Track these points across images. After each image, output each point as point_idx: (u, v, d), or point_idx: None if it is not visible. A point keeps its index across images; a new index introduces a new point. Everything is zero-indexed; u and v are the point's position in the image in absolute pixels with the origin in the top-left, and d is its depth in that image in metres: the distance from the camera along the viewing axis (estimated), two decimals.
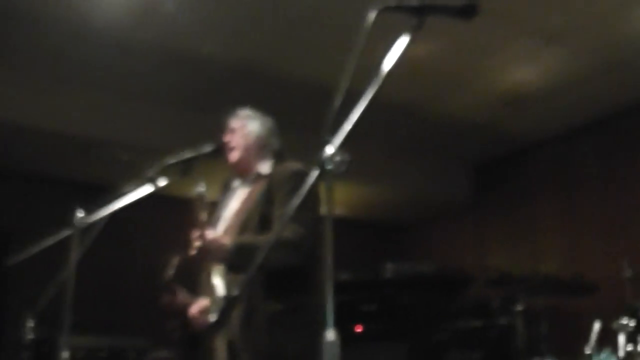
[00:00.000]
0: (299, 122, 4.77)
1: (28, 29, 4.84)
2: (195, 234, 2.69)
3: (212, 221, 3.05)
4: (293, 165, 3.04)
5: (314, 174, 1.63)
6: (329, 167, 1.55)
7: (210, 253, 2.70)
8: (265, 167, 3.14)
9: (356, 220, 8.05)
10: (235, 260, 2.63)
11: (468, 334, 5.86)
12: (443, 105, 6.06)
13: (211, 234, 2.72)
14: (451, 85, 5.69)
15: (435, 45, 4.98)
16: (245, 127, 3.23)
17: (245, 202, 3.07)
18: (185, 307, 3.95)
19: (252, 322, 2.81)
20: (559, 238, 6.59)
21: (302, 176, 2.87)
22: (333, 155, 1.55)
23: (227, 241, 2.72)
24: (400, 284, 6.72)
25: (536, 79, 5.53)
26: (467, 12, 1.69)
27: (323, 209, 1.63)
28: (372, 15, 1.67)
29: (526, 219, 6.97)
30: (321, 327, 1.50)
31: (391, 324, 6.08)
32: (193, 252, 2.68)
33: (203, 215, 2.68)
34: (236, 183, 3.26)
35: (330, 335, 1.45)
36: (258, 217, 2.91)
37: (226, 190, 3.26)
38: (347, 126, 1.59)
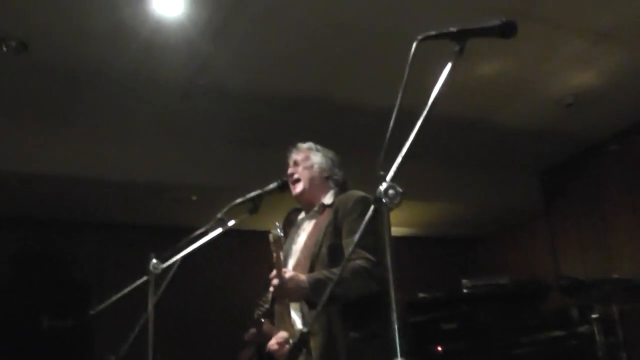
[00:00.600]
0: (359, 148, 4.82)
1: (95, 87, 5.04)
2: (273, 274, 2.66)
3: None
4: (356, 193, 3.04)
5: (371, 208, 1.65)
6: (384, 201, 1.56)
7: (288, 292, 2.66)
8: (328, 197, 3.17)
9: (428, 238, 8.04)
10: (314, 296, 2.59)
11: (548, 346, 5.76)
12: (503, 115, 6.03)
13: (288, 273, 2.68)
14: (510, 95, 5.66)
15: (491, 59, 5.00)
16: (308, 159, 3.27)
17: (313, 235, 3.08)
18: (268, 338, 4.03)
19: (332, 352, 2.81)
20: (632, 239, 6.42)
21: (366, 203, 2.89)
22: (387, 189, 1.57)
23: (304, 279, 2.68)
24: (478, 299, 6.66)
25: (593, 79, 5.46)
26: (507, 32, 1.69)
27: (388, 236, 1.64)
28: (414, 45, 1.69)
29: (598, 222, 6.82)
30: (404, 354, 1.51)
31: (472, 341, 6.01)
32: (271, 291, 2.67)
33: (280, 256, 2.70)
34: (301, 216, 3.30)
35: None
36: (327, 248, 2.92)
37: (291, 224, 3.29)
38: (399, 158, 1.61)
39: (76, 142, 5.66)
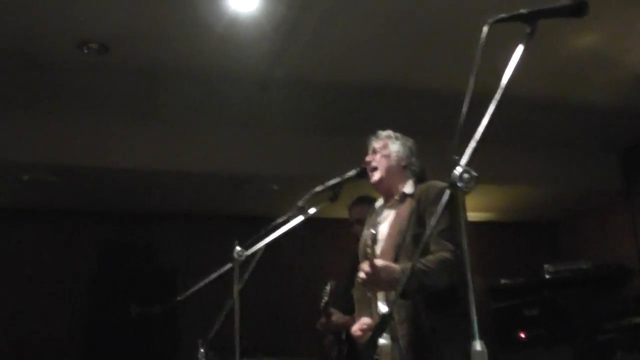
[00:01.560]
0: (435, 134, 4.81)
1: (174, 83, 5.20)
2: (364, 263, 2.72)
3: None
4: (437, 183, 3.04)
5: (447, 193, 1.68)
6: (459, 185, 1.58)
7: (380, 280, 2.69)
8: (408, 187, 3.16)
9: (509, 223, 7.96)
10: (405, 286, 2.56)
11: (632, 332, 5.62)
12: (582, 94, 5.89)
13: (381, 262, 2.72)
14: (588, 73, 5.52)
15: (568, 37, 4.92)
16: (387, 147, 3.26)
17: (395, 224, 3.08)
18: (341, 327, 4.09)
19: (420, 341, 2.84)
20: None
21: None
22: (461, 173, 1.58)
23: (398, 269, 2.71)
24: (560, 284, 6.55)
25: None
26: (579, 11, 1.68)
27: (464, 220, 1.66)
28: (485, 29, 1.70)
29: None
30: (486, 338, 1.53)
31: (555, 327, 5.93)
32: (363, 278, 2.71)
33: (373, 252, 2.72)
34: (379, 204, 3.31)
35: (477, 346, 1.49)
36: (411, 238, 2.93)
37: (371, 213, 3.30)
38: (473, 142, 1.62)
39: (158, 137, 5.85)
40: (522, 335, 6.15)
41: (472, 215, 6.18)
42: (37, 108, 5.46)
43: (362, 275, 2.70)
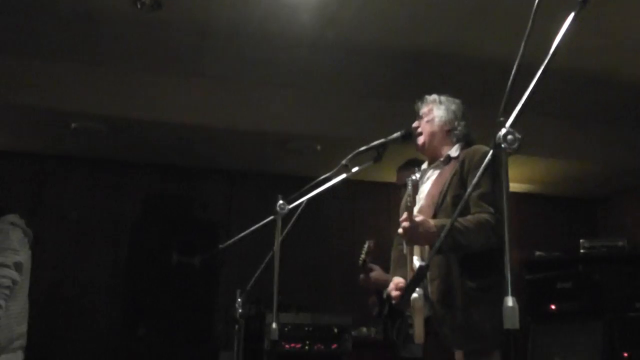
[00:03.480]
0: (485, 102, 4.80)
1: (225, 41, 5.24)
2: (404, 216, 2.75)
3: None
4: (483, 147, 3.06)
5: (490, 153, 1.70)
6: (503, 146, 1.61)
7: (418, 235, 2.74)
8: (454, 150, 3.21)
9: (548, 197, 7.91)
10: (441, 242, 2.55)
11: None
12: (632, 70, 5.79)
13: (419, 217, 2.76)
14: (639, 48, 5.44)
15: (619, 10, 4.82)
16: (431, 112, 3.31)
17: (437, 184, 3.13)
18: (380, 284, 4.15)
19: (449, 299, 2.90)
20: None
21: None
22: (506, 134, 1.61)
23: (433, 224, 2.75)
24: (594, 259, 6.55)
25: None
26: None
27: (505, 181, 1.69)
28: None
29: None
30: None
31: (586, 301, 5.94)
32: (401, 232, 2.75)
33: (413, 201, 2.75)
34: (424, 166, 3.36)
35: (509, 301, 1.53)
36: (451, 199, 2.98)
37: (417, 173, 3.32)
38: (519, 105, 1.65)
39: (206, 93, 5.91)
40: (554, 308, 6.17)
41: (513, 187, 6.14)
42: (89, 59, 5.56)
43: (400, 229, 2.75)
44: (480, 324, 2.79)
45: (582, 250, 6.69)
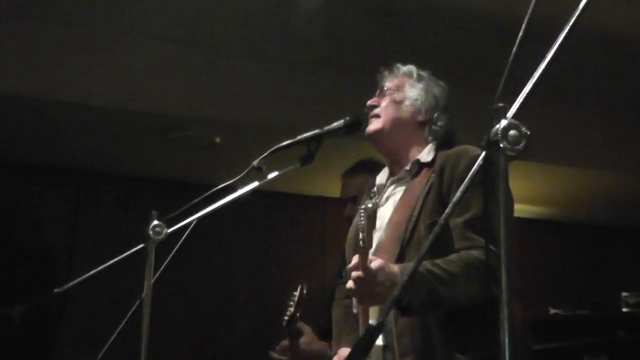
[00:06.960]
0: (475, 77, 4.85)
1: None
2: (354, 262, 2.63)
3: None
4: (469, 150, 3.01)
5: (482, 155, 1.63)
6: (502, 146, 1.54)
7: (374, 290, 2.60)
8: (427, 153, 3.14)
9: (570, 225, 8.01)
10: (409, 297, 2.56)
11: None
12: None
13: (377, 261, 2.62)
14: None
15: None
16: (401, 90, 3.23)
17: (403, 207, 3.07)
18: (312, 356, 4.09)
19: None
20: None
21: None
22: (506, 128, 1.55)
23: (397, 271, 2.64)
24: None
25: None
26: None
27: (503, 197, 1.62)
28: None
29: None
30: None
31: None
32: (350, 287, 2.64)
33: (369, 239, 2.69)
34: (383, 176, 3.29)
35: None
36: (425, 229, 2.91)
37: (371, 189, 3.29)
38: (528, 87, 1.59)
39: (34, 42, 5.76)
40: None
41: (518, 209, 6.11)
42: None
43: (350, 283, 2.64)
44: None
45: (624, 309, 6.71)
